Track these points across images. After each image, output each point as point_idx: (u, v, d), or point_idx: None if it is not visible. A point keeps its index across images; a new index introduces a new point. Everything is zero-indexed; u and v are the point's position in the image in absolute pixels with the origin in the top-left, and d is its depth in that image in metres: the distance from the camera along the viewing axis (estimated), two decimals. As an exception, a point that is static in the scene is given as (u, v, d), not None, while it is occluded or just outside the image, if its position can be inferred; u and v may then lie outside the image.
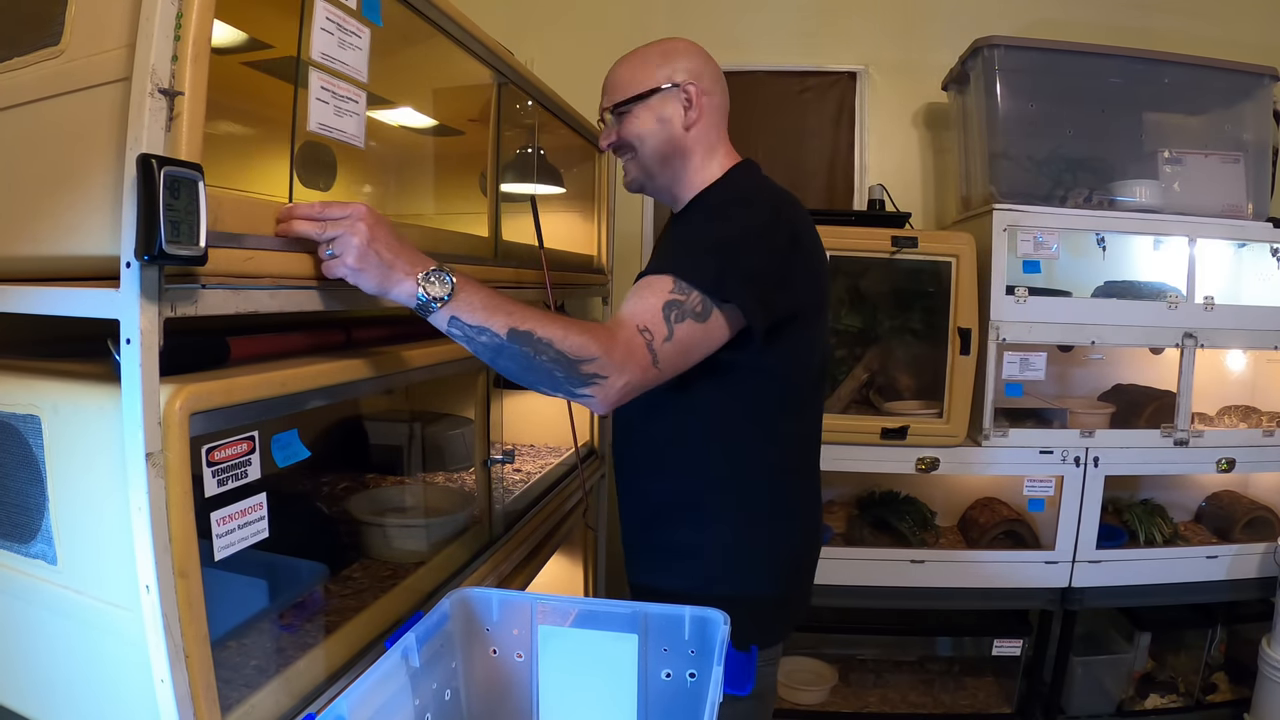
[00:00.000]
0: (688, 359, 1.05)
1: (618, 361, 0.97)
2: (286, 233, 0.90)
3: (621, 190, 2.67)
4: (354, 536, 1.47)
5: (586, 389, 0.97)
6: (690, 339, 1.03)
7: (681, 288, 1.03)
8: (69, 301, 0.80)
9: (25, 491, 0.89)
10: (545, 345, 0.94)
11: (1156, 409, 2.32)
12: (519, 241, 1.74)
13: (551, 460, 2.16)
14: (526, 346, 0.94)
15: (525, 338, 0.94)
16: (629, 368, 0.98)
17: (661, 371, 1.02)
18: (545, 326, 0.95)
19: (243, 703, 0.88)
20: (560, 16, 2.85)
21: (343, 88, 1.02)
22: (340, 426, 1.95)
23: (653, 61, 1.20)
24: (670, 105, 1.19)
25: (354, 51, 1.03)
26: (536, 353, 0.94)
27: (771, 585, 1.24)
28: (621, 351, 0.98)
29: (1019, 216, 2.21)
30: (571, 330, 0.96)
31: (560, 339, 0.94)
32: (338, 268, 0.92)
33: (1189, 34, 2.65)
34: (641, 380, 1.00)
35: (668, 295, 1.03)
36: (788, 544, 1.25)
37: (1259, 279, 2.35)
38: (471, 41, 1.40)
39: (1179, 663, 2.50)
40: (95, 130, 0.79)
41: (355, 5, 1.02)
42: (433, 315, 0.93)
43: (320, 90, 0.98)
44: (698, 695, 1.02)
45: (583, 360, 0.95)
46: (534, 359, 0.94)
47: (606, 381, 0.97)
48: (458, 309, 0.93)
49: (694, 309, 1.03)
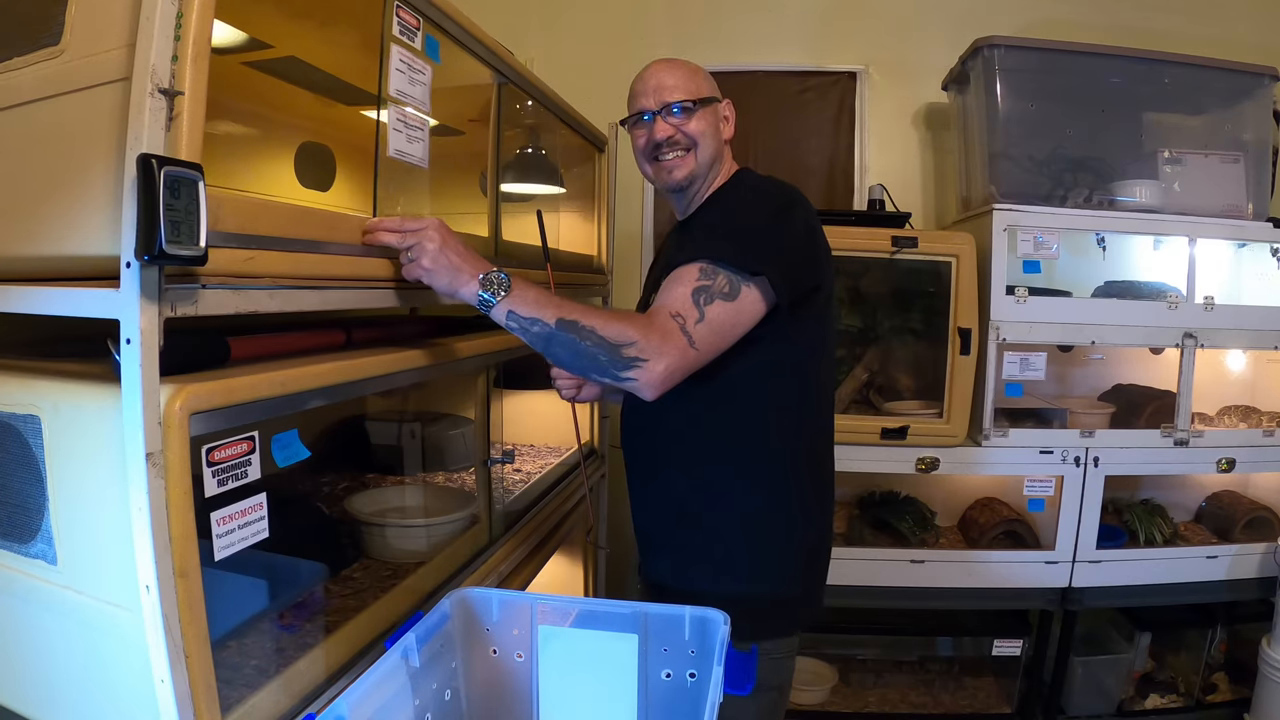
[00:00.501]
0: (723, 338, 1.11)
1: (655, 345, 1.05)
2: (372, 242, 1.07)
3: (622, 190, 2.69)
4: (354, 536, 1.47)
5: (629, 371, 1.05)
6: (722, 318, 1.09)
7: (707, 272, 1.10)
8: (69, 301, 0.80)
9: (25, 491, 0.89)
10: (589, 332, 1.04)
11: (1156, 409, 2.32)
12: (519, 241, 1.74)
13: (551, 460, 2.16)
14: (573, 333, 1.04)
15: (571, 325, 1.05)
16: (666, 351, 1.05)
17: (700, 352, 1.08)
18: (589, 316, 1.05)
19: (243, 703, 0.88)
20: (560, 17, 2.85)
21: (413, 118, 1.20)
22: (340, 426, 1.95)
23: (702, 75, 1.31)
24: (721, 116, 1.31)
25: (420, 87, 1.21)
26: (581, 339, 1.04)
27: (793, 575, 1.27)
28: (658, 336, 1.05)
29: (1019, 216, 2.21)
30: (612, 319, 1.06)
31: (602, 326, 1.04)
32: (415, 270, 1.08)
33: (1189, 34, 2.65)
34: (681, 362, 1.06)
35: (695, 282, 1.09)
36: (806, 533, 1.29)
37: (1259, 279, 2.35)
38: (471, 41, 1.40)
39: (1179, 663, 2.50)
40: (95, 130, 0.79)
41: (420, 46, 1.18)
42: (493, 310, 1.06)
43: (396, 121, 1.16)
44: (698, 695, 1.02)
45: (622, 344, 1.04)
46: (580, 344, 1.05)
47: (647, 365, 1.04)
48: (514, 304, 1.05)
49: (722, 290, 1.09)
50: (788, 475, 1.25)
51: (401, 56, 1.14)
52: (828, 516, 1.35)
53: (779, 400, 1.21)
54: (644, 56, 3.00)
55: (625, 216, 2.77)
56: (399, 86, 1.15)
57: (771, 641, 1.23)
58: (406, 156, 1.21)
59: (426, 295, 1.30)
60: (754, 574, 1.24)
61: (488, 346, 1.50)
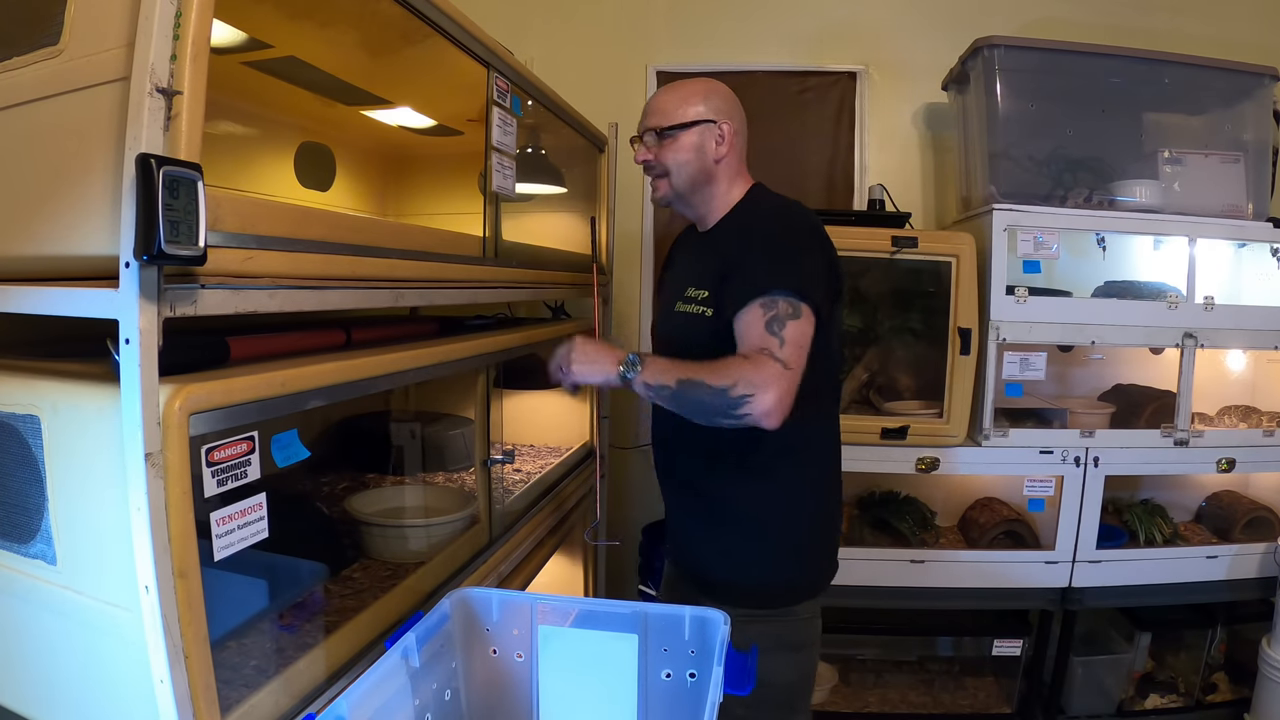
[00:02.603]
0: (804, 352, 1.22)
1: (753, 379, 1.15)
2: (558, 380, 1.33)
3: (621, 190, 2.69)
4: (354, 536, 1.47)
5: (743, 409, 1.15)
6: (798, 334, 1.20)
7: (768, 304, 1.21)
8: (68, 301, 0.80)
9: (25, 491, 0.89)
10: (701, 385, 1.18)
11: (1156, 409, 2.32)
12: (519, 242, 1.74)
13: (551, 460, 2.16)
14: (691, 390, 1.19)
15: (688, 383, 1.19)
16: (765, 381, 1.15)
17: (794, 370, 1.18)
18: (700, 371, 1.18)
19: (243, 703, 0.88)
20: (560, 17, 2.85)
21: (505, 161, 1.55)
22: (340, 426, 1.95)
23: (696, 96, 1.37)
24: (706, 138, 1.36)
25: (509, 136, 1.57)
26: (698, 393, 1.18)
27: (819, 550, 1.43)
28: (752, 370, 1.16)
29: (1019, 216, 2.20)
30: (718, 368, 1.18)
31: (709, 377, 1.17)
32: (572, 377, 1.29)
33: (1189, 34, 2.65)
34: (782, 384, 1.16)
35: (762, 319, 1.20)
36: (830, 514, 1.47)
37: (1259, 279, 2.35)
38: (467, 39, 1.40)
39: (1179, 663, 2.50)
40: (94, 130, 0.79)
41: (508, 105, 1.56)
42: (633, 384, 1.24)
43: (497, 164, 1.53)
44: (698, 695, 1.02)
45: (728, 388, 1.15)
46: (699, 397, 1.18)
47: (754, 398, 1.14)
48: (646, 376, 1.23)
49: (788, 313, 1.20)
50: (813, 464, 1.40)
51: (499, 116, 1.51)
52: (838, 493, 1.50)
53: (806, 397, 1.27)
54: (644, 56, 3.01)
55: (625, 216, 2.77)
56: (498, 138, 1.51)
57: (804, 604, 1.38)
58: (502, 190, 1.55)
59: (426, 295, 1.31)
60: (786, 559, 1.38)
61: (488, 346, 1.50)
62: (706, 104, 1.36)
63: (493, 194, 1.54)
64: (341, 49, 1.53)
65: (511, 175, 1.58)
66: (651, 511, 2.87)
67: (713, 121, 1.35)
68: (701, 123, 1.35)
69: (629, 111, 2.76)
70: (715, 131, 1.36)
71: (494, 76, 1.49)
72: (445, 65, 1.51)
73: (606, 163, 2.44)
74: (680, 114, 1.36)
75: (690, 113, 1.35)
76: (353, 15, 1.38)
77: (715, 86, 1.40)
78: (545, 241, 2.07)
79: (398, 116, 1.94)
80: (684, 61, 2.79)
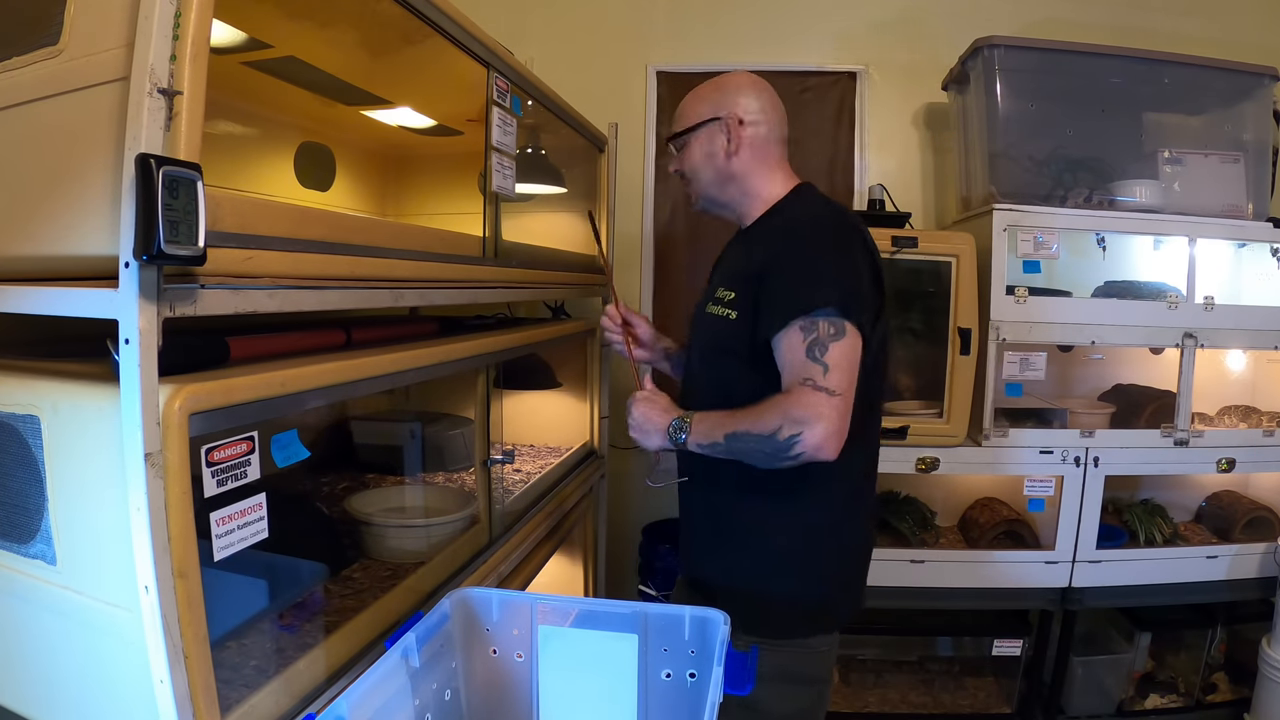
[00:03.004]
0: (852, 373, 1.15)
1: (800, 415, 1.10)
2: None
3: (621, 190, 2.68)
4: (354, 536, 1.47)
5: (794, 449, 1.10)
6: (843, 355, 1.13)
7: (807, 326, 1.14)
8: (68, 301, 0.80)
9: (25, 492, 0.88)
10: (748, 436, 1.14)
11: (1156, 409, 2.32)
12: (519, 242, 1.74)
13: (551, 460, 2.16)
14: (739, 442, 1.15)
15: (734, 436, 1.16)
16: (812, 415, 1.10)
17: (842, 396, 1.12)
18: (744, 421, 1.15)
19: (242, 703, 0.88)
20: (560, 16, 2.85)
21: (505, 161, 1.55)
22: (340, 426, 1.95)
23: (706, 96, 1.32)
24: (714, 137, 1.30)
25: (509, 136, 1.57)
26: (749, 444, 1.14)
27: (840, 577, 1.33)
28: (798, 407, 1.11)
29: (1019, 216, 2.20)
30: (761, 413, 1.13)
31: (752, 425, 1.14)
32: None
33: (1189, 34, 2.64)
34: (831, 414, 1.10)
35: (802, 343, 1.13)
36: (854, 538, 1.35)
37: (1259, 279, 2.35)
38: (467, 39, 1.40)
39: (1179, 663, 2.49)
40: (94, 130, 0.79)
41: (508, 105, 1.55)
42: (685, 447, 1.22)
43: (497, 164, 1.52)
44: (698, 695, 1.02)
45: (775, 433, 1.11)
46: (748, 448, 1.15)
47: (803, 436, 1.09)
48: (696, 438, 1.21)
49: (829, 334, 1.13)
50: (837, 487, 1.28)
51: (499, 116, 1.51)
52: (871, 520, 1.41)
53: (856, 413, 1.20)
54: (644, 56, 3.01)
55: (625, 217, 2.77)
56: (497, 138, 1.50)
57: (819, 637, 1.29)
58: (501, 190, 1.54)
59: (426, 295, 1.31)
60: (799, 586, 1.28)
61: (488, 346, 1.50)
62: (711, 101, 1.30)
63: (493, 194, 1.54)
64: (341, 49, 1.53)
65: (511, 175, 1.58)
66: (651, 511, 2.87)
67: (718, 119, 1.29)
68: (705, 123, 1.30)
69: (629, 111, 2.79)
70: (722, 129, 1.29)
71: (494, 76, 1.49)
72: (445, 65, 1.51)
73: (606, 163, 2.44)
74: (685, 118, 1.32)
75: (694, 114, 1.31)
76: (353, 15, 1.38)
77: (725, 80, 1.32)
78: (545, 241, 2.07)
79: (398, 116, 1.94)
80: (684, 62, 2.79)
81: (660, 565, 2.55)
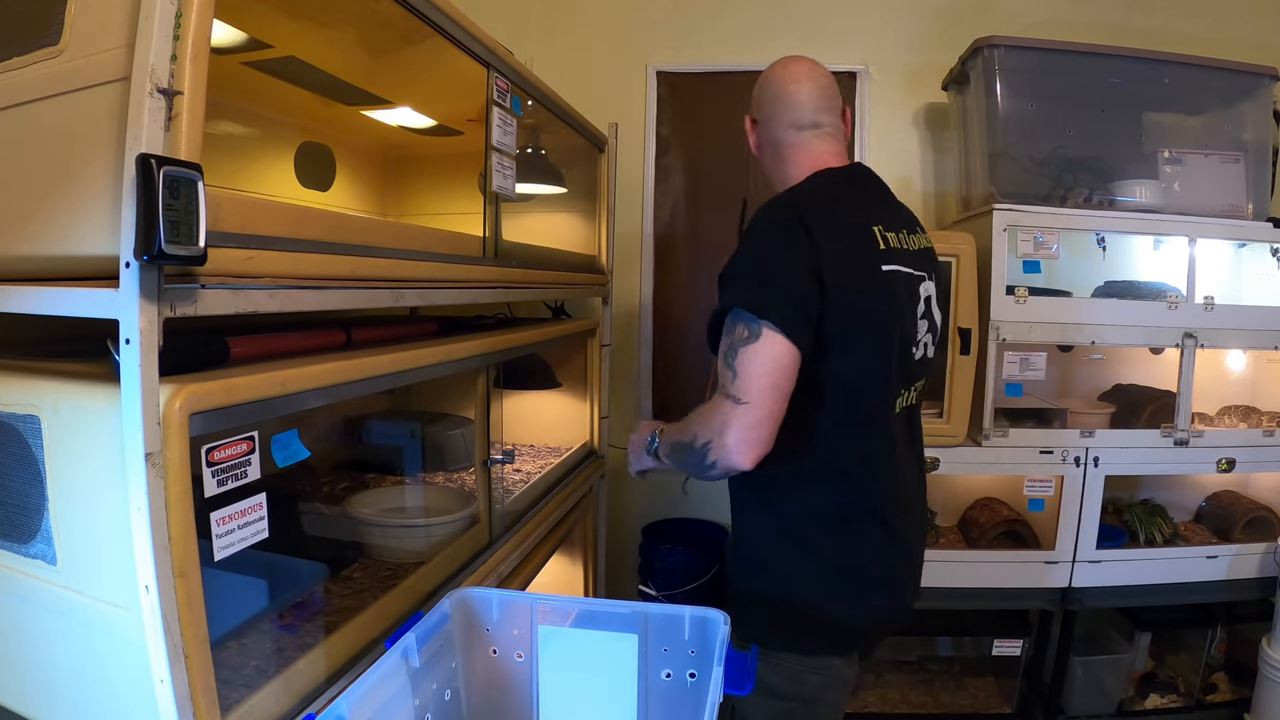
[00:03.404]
0: (765, 381, 1.05)
1: (709, 423, 1.09)
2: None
3: (621, 190, 2.68)
4: (354, 536, 1.47)
5: (710, 457, 1.09)
6: (749, 364, 1.05)
7: (729, 328, 1.10)
8: (68, 301, 0.80)
9: (25, 492, 0.89)
10: (679, 446, 1.17)
11: (1156, 409, 2.32)
12: (519, 242, 1.74)
13: (551, 460, 2.16)
14: (677, 454, 1.18)
15: (673, 448, 1.19)
16: (719, 423, 1.07)
17: (752, 404, 1.05)
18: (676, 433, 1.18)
19: (243, 703, 0.88)
20: (560, 16, 2.85)
21: (505, 161, 1.56)
22: (340, 426, 1.95)
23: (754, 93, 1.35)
24: (750, 139, 1.37)
25: (509, 136, 1.58)
26: (681, 455, 1.17)
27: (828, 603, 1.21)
28: (707, 416, 1.11)
29: (1019, 216, 2.20)
30: (685, 425, 1.15)
31: (680, 435, 1.17)
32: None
33: (1189, 34, 2.64)
34: (738, 422, 1.05)
35: (726, 343, 1.10)
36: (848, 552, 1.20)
37: (1259, 279, 2.35)
38: (467, 39, 1.40)
39: (1179, 663, 2.50)
40: (94, 130, 0.79)
41: (509, 106, 1.57)
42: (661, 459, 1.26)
43: (497, 164, 1.53)
44: (698, 695, 1.02)
45: (692, 443, 1.12)
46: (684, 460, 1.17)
47: (713, 444, 1.08)
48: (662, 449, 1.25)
49: (743, 336, 1.07)
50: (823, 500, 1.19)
51: (499, 116, 1.52)
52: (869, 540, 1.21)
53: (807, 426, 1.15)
54: (644, 56, 3.01)
55: (625, 217, 2.77)
56: (498, 138, 1.52)
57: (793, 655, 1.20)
58: (502, 190, 1.56)
59: (426, 295, 1.31)
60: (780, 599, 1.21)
61: (488, 346, 1.50)
62: (755, 100, 1.34)
63: (493, 194, 1.54)
64: (341, 49, 1.53)
65: (511, 175, 1.59)
66: (651, 511, 2.87)
67: (749, 119, 1.35)
68: (748, 123, 1.36)
69: (629, 111, 2.79)
70: (751, 131, 1.35)
71: (494, 76, 1.49)
72: (445, 65, 1.51)
73: (606, 163, 2.44)
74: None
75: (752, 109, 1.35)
76: (353, 15, 1.38)
77: (760, 79, 1.34)
78: (545, 241, 2.07)
79: (398, 116, 1.94)
80: (684, 62, 2.79)
81: (660, 565, 2.55)
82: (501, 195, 1.56)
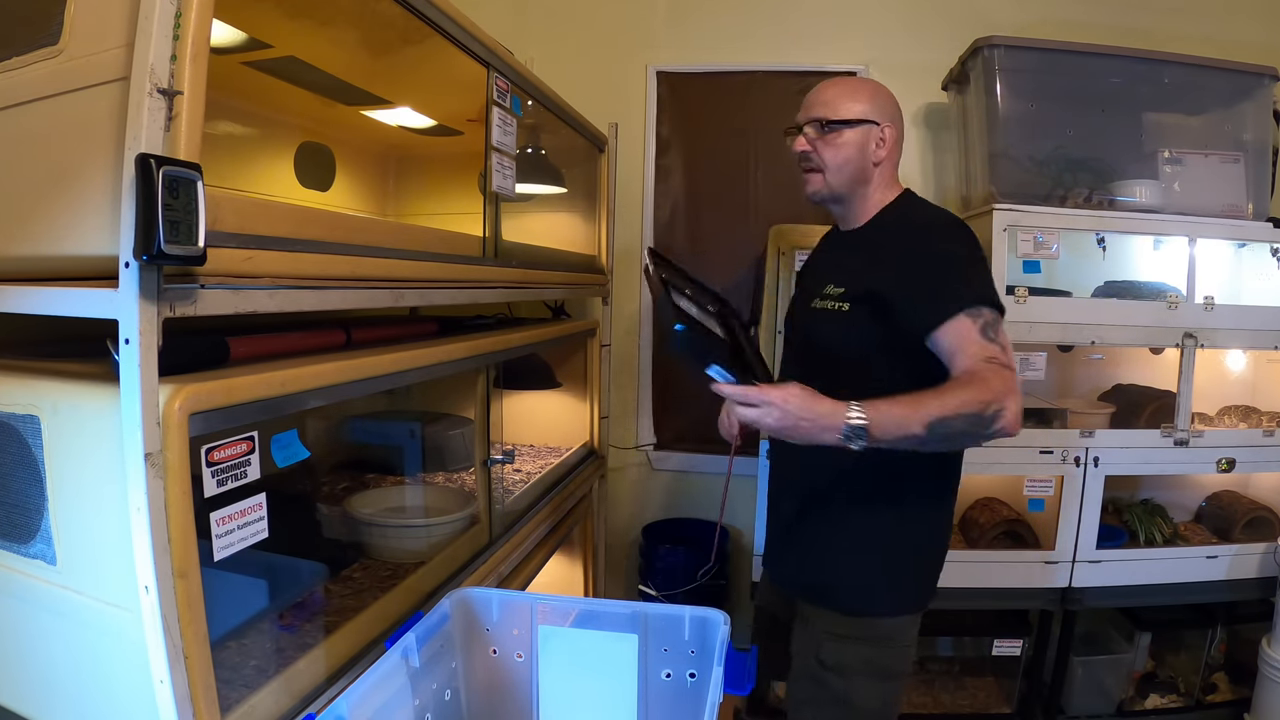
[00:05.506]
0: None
1: (999, 390, 1.12)
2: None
3: (622, 191, 2.69)
4: (354, 536, 1.47)
5: (997, 424, 1.12)
6: (1008, 339, 1.21)
7: (974, 314, 1.19)
8: (68, 301, 0.80)
9: (25, 492, 0.88)
10: (958, 418, 1.11)
11: (1156, 409, 2.32)
12: (519, 242, 1.74)
13: (551, 460, 2.16)
14: (943, 427, 1.11)
15: (939, 422, 1.11)
16: (1009, 389, 1.13)
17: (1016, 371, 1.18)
18: (944, 404, 1.11)
19: (243, 703, 0.88)
20: (560, 16, 2.85)
21: (505, 161, 1.57)
22: (340, 426, 1.95)
23: (864, 94, 1.36)
24: (869, 138, 1.35)
25: (509, 136, 1.58)
26: (954, 426, 1.11)
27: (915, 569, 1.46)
28: (997, 381, 1.13)
29: (1019, 216, 2.20)
30: (961, 391, 1.13)
31: (959, 405, 1.11)
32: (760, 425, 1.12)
33: (1189, 34, 2.64)
34: (1019, 391, 1.14)
35: (975, 328, 1.18)
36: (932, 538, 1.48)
37: (1259, 279, 2.35)
38: (467, 39, 1.40)
39: (1179, 663, 2.49)
40: (94, 130, 0.79)
41: (509, 105, 1.57)
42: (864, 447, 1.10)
43: (497, 164, 1.54)
44: (698, 695, 1.02)
45: (983, 409, 1.11)
46: (954, 434, 1.12)
47: (1005, 411, 1.11)
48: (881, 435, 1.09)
49: (993, 320, 1.20)
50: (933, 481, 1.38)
51: (499, 116, 1.52)
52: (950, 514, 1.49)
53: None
54: (644, 56, 3.01)
55: (625, 216, 2.77)
56: (497, 138, 1.52)
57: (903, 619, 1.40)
58: (501, 190, 1.56)
59: (426, 295, 1.31)
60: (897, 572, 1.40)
61: (488, 346, 1.50)
62: (873, 104, 1.35)
63: (493, 194, 1.54)
64: (341, 49, 1.53)
65: (511, 175, 1.59)
66: (651, 511, 2.87)
67: (876, 123, 1.34)
68: (866, 122, 1.34)
69: (629, 111, 2.79)
70: (877, 134, 1.34)
71: (494, 76, 1.49)
72: (445, 65, 1.51)
73: (606, 163, 2.44)
74: (847, 109, 1.34)
75: (856, 110, 1.34)
76: (352, 15, 1.38)
77: (881, 89, 1.38)
78: (545, 241, 2.07)
79: (398, 116, 1.94)
80: (684, 62, 2.79)
81: (660, 565, 2.55)
82: (501, 195, 1.56)
